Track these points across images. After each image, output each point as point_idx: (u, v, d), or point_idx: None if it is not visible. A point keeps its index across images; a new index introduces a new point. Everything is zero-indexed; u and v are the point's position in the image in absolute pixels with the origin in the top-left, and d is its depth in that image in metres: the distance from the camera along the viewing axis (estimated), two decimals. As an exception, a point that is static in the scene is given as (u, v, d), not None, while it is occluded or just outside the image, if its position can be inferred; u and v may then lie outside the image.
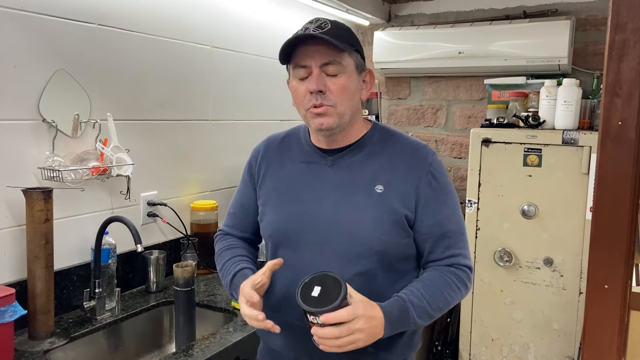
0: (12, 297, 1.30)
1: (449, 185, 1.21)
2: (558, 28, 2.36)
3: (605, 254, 1.45)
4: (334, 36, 1.10)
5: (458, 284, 1.16)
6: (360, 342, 1.01)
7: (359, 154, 1.19)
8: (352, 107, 1.15)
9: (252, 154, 1.35)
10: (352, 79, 1.14)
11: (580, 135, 2.10)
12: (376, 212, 1.13)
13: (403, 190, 1.15)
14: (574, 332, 2.18)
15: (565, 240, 2.16)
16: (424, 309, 1.10)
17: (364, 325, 0.99)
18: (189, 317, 1.53)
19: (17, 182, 1.46)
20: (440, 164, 1.21)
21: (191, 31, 2.00)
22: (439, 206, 1.16)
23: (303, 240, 1.17)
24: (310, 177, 1.20)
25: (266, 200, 1.25)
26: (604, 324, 1.49)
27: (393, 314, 1.06)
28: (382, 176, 1.16)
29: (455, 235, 1.18)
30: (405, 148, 1.20)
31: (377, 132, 1.22)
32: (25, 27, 1.46)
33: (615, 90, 1.41)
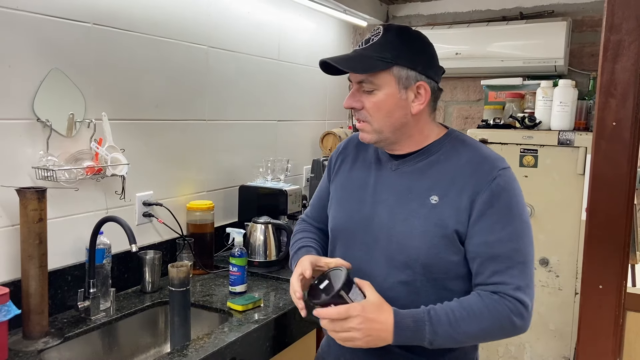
0: (6, 296, 1.30)
1: (515, 208, 1.10)
2: (554, 29, 2.37)
3: (599, 255, 1.46)
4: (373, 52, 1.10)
5: (500, 312, 1.06)
6: (359, 341, 1.03)
7: (422, 161, 1.17)
8: (393, 123, 1.13)
9: (336, 148, 1.38)
10: (390, 95, 1.11)
11: (576, 136, 2.10)
12: (426, 224, 1.11)
13: (458, 204, 1.09)
14: (570, 333, 2.18)
15: (561, 241, 2.16)
16: (444, 329, 1.04)
17: (359, 325, 1.02)
18: (184, 318, 1.53)
19: (11, 181, 1.45)
20: (509, 181, 1.11)
21: (187, 31, 2.00)
22: (493, 226, 1.08)
23: (357, 239, 1.20)
24: (375, 180, 1.21)
25: (334, 195, 1.30)
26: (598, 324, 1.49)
27: (406, 324, 1.04)
28: (439, 187, 1.12)
29: (508, 261, 1.08)
30: (472, 159, 1.13)
31: (448, 141, 1.18)
32: (20, 26, 1.46)
33: (609, 91, 1.41)
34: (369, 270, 1.15)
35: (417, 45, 1.14)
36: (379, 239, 1.16)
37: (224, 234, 2.12)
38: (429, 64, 1.14)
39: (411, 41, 1.13)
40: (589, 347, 1.49)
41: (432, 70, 1.15)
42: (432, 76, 1.15)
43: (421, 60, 1.13)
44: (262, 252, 2.08)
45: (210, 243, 2.05)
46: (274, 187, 2.23)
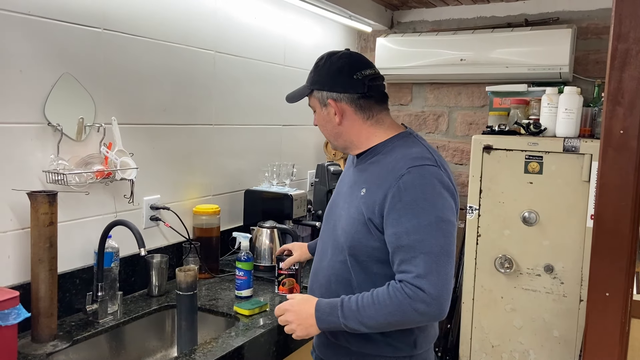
0: (16, 299, 1.31)
1: (421, 202, 1.18)
2: (559, 36, 2.38)
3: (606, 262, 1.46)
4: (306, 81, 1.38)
5: (399, 299, 1.15)
6: (298, 330, 1.26)
7: (369, 159, 1.34)
8: (331, 133, 1.38)
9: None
10: (319, 114, 1.37)
11: (581, 143, 2.11)
12: (355, 212, 1.29)
13: (375, 196, 1.25)
14: (575, 340, 2.18)
15: (566, 248, 2.16)
16: (353, 314, 1.19)
17: (292, 317, 1.27)
18: (191, 322, 1.53)
19: (22, 185, 1.46)
20: (416, 178, 1.19)
21: (194, 36, 2.02)
22: (400, 219, 1.18)
23: (326, 226, 1.44)
24: (345, 176, 1.45)
25: None
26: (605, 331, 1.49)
27: (324, 312, 1.23)
28: (368, 181, 1.30)
29: (412, 251, 1.16)
30: (394, 158, 1.27)
31: (392, 142, 1.32)
32: (31, 31, 1.47)
33: (617, 99, 1.42)
34: (325, 250, 1.38)
35: (328, 69, 1.33)
36: (334, 225, 1.37)
37: (230, 238, 2.13)
38: (337, 82, 1.32)
39: (324, 66, 1.34)
40: (595, 354, 1.49)
41: (341, 86, 1.32)
42: (343, 90, 1.32)
43: (329, 81, 1.33)
44: (267, 256, 2.09)
45: (216, 247, 2.06)
46: (280, 192, 2.23)
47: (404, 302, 1.15)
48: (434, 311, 1.15)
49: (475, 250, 2.32)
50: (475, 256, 2.32)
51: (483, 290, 2.33)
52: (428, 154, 1.27)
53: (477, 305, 2.35)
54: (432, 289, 1.14)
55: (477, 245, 2.32)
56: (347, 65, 1.33)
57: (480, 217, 2.31)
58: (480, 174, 2.30)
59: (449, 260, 1.18)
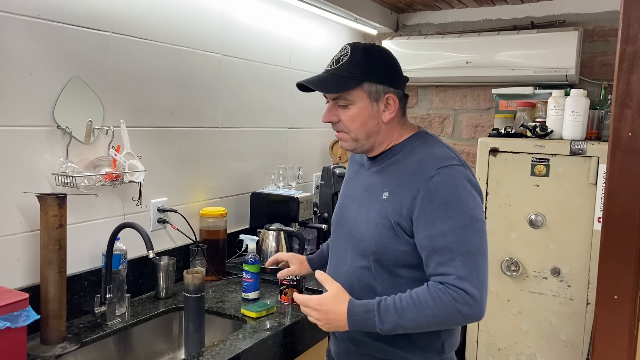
0: (26, 301, 1.31)
1: (455, 202, 1.16)
2: (566, 39, 2.38)
3: (615, 265, 1.46)
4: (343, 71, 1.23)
5: (443, 302, 1.13)
6: (324, 327, 1.22)
7: (386, 161, 1.30)
8: (368, 131, 1.27)
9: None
10: (364, 108, 1.25)
11: (588, 145, 2.11)
12: (377, 216, 1.24)
13: (401, 199, 1.21)
14: (582, 343, 2.17)
15: (573, 251, 2.16)
16: (391, 317, 1.14)
17: (317, 315, 1.21)
18: (199, 324, 1.54)
19: (31, 187, 1.47)
20: (447, 178, 1.18)
21: (201, 39, 2.03)
22: (434, 221, 1.16)
23: (339, 230, 1.39)
24: (356, 178, 1.39)
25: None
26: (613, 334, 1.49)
27: (358, 315, 1.17)
28: (391, 184, 1.25)
29: (450, 253, 1.14)
30: (420, 159, 1.23)
31: (410, 142, 1.29)
32: (41, 35, 1.48)
33: (625, 102, 1.42)
34: (343, 255, 1.34)
35: (383, 61, 1.27)
36: (350, 229, 1.32)
37: (236, 241, 2.13)
38: (395, 76, 1.28)
39: (377, 57, 1.26)
40: (603, 357, 1.49)
41: (397, 82, 1.28)
42: (398, 86, 1.28)
43: (387, 75, 1.26)
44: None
45: (223, 249, 2.06)
46: (286, 194, 2.24)
47: (448, 304, 1.12)
48: (476, 312, 1.15)
49: (482, 253, 2.32)
50: (482, 259, 2.32)
51: (490, 293, 2.32)
52: (452, 153, 1.25)
53: (483, 308, 2.35)
54: (474, 290, 1.13)
55: (484, 248, 2.32)
56: (396, 59, 1.29)
57: (486, 220, 2.30)
58: (486, 177, 2.30)
59: (485, 259, 1.18)
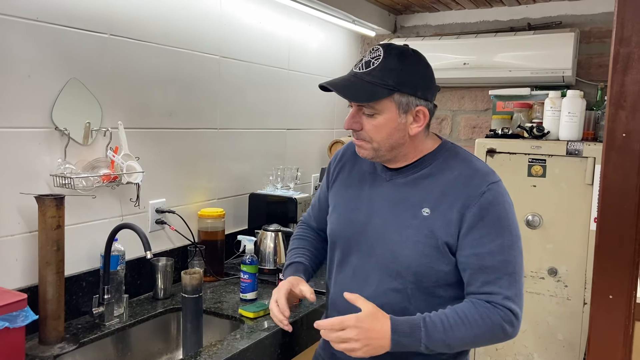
0: (24, 302, 1.32)
1: (504, 220, 1.13)
2: (562, 40, 2.39)
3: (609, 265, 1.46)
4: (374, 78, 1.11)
5: (491, 321, 1.10)
6: (359, 351, 1.07)
7: (415, 174, 1.20)
8: (392, 144, 1.17)
9: (333, 156, 1.42)
10: (391, 120, 1.14)
11: (584, 146, 2.11)
12: (417, 234, 1.15)
13: (449, 217, 1.13)
14: (579, 343, 2.18)
15: (570, 251, 2.17)
16: (438, 335, 1.08)
17: (357, 336, 1.06)
18: (197, 324, 1.55)
19: (29, 188, 1.48)
20: (497, 195, 1.14)
21: (200, 41, 2.04)
22: (482, 239, 1.11)
23: (353, 247, 1.25)
24: (370, 189, 1.25)
25: (332, 202, 1.35)
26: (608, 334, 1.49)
27: (403, 331, 1.08)
28: (431, 199, 1.16)
29: (497, 272, 1.11)
30: (462, 173, 1.17)
31: (440, 154, 1.21)
32: (39, 37, 1.49)
33: (619, 103, 1.43)
34: (364, 276, 1.19)
35: (418, 70, 1.16)
36: (374, 247, 1.19)
37: (234, 242, 2.14)
38: (428, 87, 1.17)
39: (412, 65, 1.14)
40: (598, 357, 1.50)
41: (430, 93, 1.17)
42: (430, 98, 1.17)
43: (421, 85, 1.15)
44: (272, 259, 2.10)
45: (221, 250, 2.07)
46: (284, 195, 2.25)
47: (496, 324, 1.10)
48: (516, 331, 1.13)
49: (479, 254, 2.32)
50: (479, 259, 2.33)
51: (487, 293, 2.33)
52: (490, 168, 1.21)
53: (481, 309, 2.35)
54: (518, 310, 1.12)
55: (481, 248, 2.32)
56: (431, 67, 1.18)
57: (483, 221, 2.32)
58: (483, 178, 2.30)
59: (523, 278, 1.17)
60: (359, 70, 1.15)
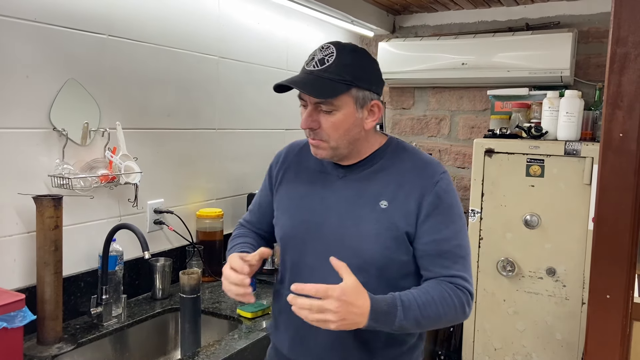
0: (22, 302, 1.32)
1: (455, 207, 1.19)
2: (560, 40, 2.39)
3: (607, 265, 1.47)
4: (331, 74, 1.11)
5: (455, 300, 1.13)
6: (332, 324, 1.02)
7: (368, 169, 1.22)
8: (349, 140, 1.17)
9: (274, 158, 1.39)
10: (349, 115, 1.15)
11: (582, 146, 2.12)
12: (378, 227, 1.16)
13: (407, 207, 1.16)
14: (577, 343, 2.18)
15: (568, 251, 2.17)
16: (413, 312, 1.09)
17: (337, 308, 1.01)
18: (195, 324, 1.55)
19: (27, 189, 1.48)
20: (448, 183, 1.19)
21: (198, 41, 2.04)
22: (439, 226, 1.15)
23: (308, 247, 1.21)
24: (322, 188, 1.24)
25: (280, 205, 1.30)
26: (606, 333, 1.50)
27: (381, 308, 1.06)
28: (387, 192, 1.18)
29: (455, 257, 1.16)
30: (415, 165, 1.20)
31: (390, 148, 1.24)
32: (38, 37, 1.50)
33: (616, 103, 1.44)
34: (324, 276, 1.13)
35: (370, 65, 1.18)
36: (331, 245, 1.17)
37: (233, 242, 2.14)
38: (379, 82, 1.20)
39: (365, 61, 1.17)
40: (596, 356, 1.50)
41: (381, 88, 1.21)
42: (380, 93, 1.20)
43: (374, 80, 1.18)
44: (270, 259, 2.10)
45: (219, 250, 2.07)
46: (283, 196, 2.25)
47: (459, 303, 1.14)
48: (470, 312, 1.17)
49: (478, 254, 2.33)
50: (478, 259, 2.33)
51: (485, 293, 2.33)
52: (436, 159, 1.26)
53: (479, 309, 2.36)
54: (472, 288, 1.18)
55: (480, 248, 2.33)
56: (378, 63, 1.21)
57: (482, 221, 2.32)
58: (482, 178, 2.31)
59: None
60: (314, 68, 1.14)
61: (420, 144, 2.96)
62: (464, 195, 2.87)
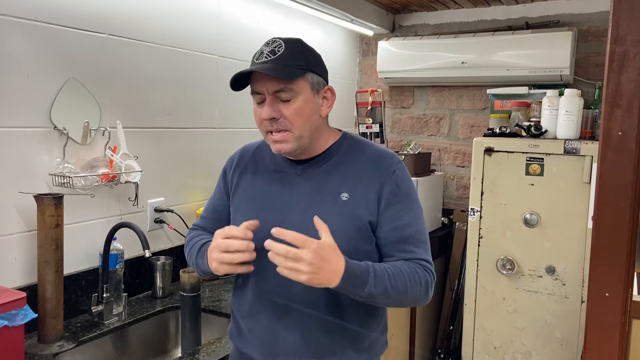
0: (23, 300, 1.33)
1: (413, 194, 1.23)
2: (560, 39, 2.39)
3: (605, 262, 1.47)
4: (286, 61, 1.13)
5: (421, 279, 1.17)
6: (304, 275, 1.03)
7: (326, 163, 1.23)
8: (311, 127, 1.18)
9: (228, 161, 1.39)
10: (308, 101, 1.16)
11: (582, 144, 2.12)
12: (341, 220, 1.17)
13: (367, 197, 1.19)
14: (577, 341, 2.18)
15: (567, 249, 2.17)
16: (383, 281, 1.11)
17: (312, 260, 1.02)
18: (195, 322, 1.55)
19: (28, 188, 1.49)
20: (404, 172, 1.23)
21: (198, 41, 2.04)
22: (399, 213, 1.19)
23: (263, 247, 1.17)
24: (281, 186, 1.24)
25: (238, 208, 1.29)
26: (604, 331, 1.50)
27: (354, 271, 1.08)
28: (347, 184, 1.20)
29: (416, 242, 1.20)
30: (371, 156, 1.24)
31: (345, 142, 1.26)
32: (38, 37, 1.50)
33: (615, 101, 1.44)
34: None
35: (317, 53, 1.22)
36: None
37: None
38: (326, 70, 1.24)
39: (311, 49, 1.21)
40: (595, 353, 1.50)
41: (327, 76, 1.24)
42: (327, 81, 1.24)
43: (323, 67, 1.22)
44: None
45: (220, 249, 2.07)
46: (283, 194, 2.25)
47: (424, 283, 1.17)
48: (432, 295, 1.21)
49: (477, 252, 2.33)
50: (477, 258, 2.33)
51: (485, 292, 2.34)
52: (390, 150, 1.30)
53: (479, 307, 2.36)
54: (433, 270, 1.22)
55: (479, 247, 2.33)
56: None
57: (482, 219, 2.32)
58: (481, 176, 2.31)
59: None
60: (267, 58, 1.14)
61: (420, 143, 2.96)
62: (463, 194, 2.87)
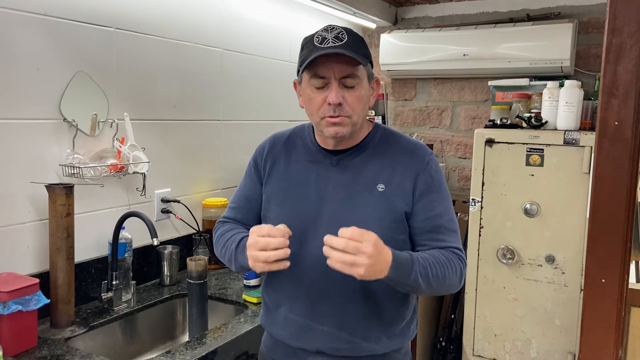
0: (36, 286, 1.38)
1: (444, 185, 1.26)
2: (561, 31, 2.41)
3: (602, 250, 1.51)
4: (354, 49, 1.14)
5: (456, 266, 1.19)
6: (361, 268, 1.03)
7: (361, 154, 1.25)
8: (364, 116, 1.23)
9: (258, 150, 1.37)
10: (366, 90, 1.20)
11: (581, 135, 2.15)
12: (378, 210, 1.20)
13: (404, 187, 1.22)
14: (576, 328, 2.22)
15: (567, 238, 2.20)
16: (425, 269, 1.13)
17: (372, 252, 1.03)
18: (202, 309, 1.60)
19: (39, 178, 1.53)
20: (437, 163, 1.27)
21: (203, 34, 2.08)
22: (432, 203, 1.22)
23: (309, 237, 1.21)
24: (316, 176, 1.25)
25: (271, 197, 1.29)
26: (601, 316, 1.54)
27: (401, 261, 1.10)
28: (383, 175, 1.22)
29: (448, 231, 1.23)
30: (405, 148, 1.27)
31: (378, 133, 1.28)
32: (48, 31, 1.54)
33: (612, 92, 1.47)
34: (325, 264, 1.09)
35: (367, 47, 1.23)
36: (333, 232, 1.11)
37: (238, 230, 2.19)
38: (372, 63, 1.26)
39: (365, 42, 1.22)
40: (591, 339, 1.54)
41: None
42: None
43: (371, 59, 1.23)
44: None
45: (225, 239, 2.11)
46: (286, 185, 2.29)
47: (459, 270, 1.20)
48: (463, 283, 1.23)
49: (478, 242, 2.36)
50: (478, 247, 2.37)
51: (486, 280, 2.38)
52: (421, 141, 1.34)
53: (480, 296, 2.40)
54: (465, 258, 1.25)
55: (480, 236, 2.36)
56: None
57: (482, 209, 2.35)
58: (482, 167, 2.34)
59: None
60: (334, 44, 1.14)
61: (422, 135, 2.99)
62: (465, 185, 2.91)
